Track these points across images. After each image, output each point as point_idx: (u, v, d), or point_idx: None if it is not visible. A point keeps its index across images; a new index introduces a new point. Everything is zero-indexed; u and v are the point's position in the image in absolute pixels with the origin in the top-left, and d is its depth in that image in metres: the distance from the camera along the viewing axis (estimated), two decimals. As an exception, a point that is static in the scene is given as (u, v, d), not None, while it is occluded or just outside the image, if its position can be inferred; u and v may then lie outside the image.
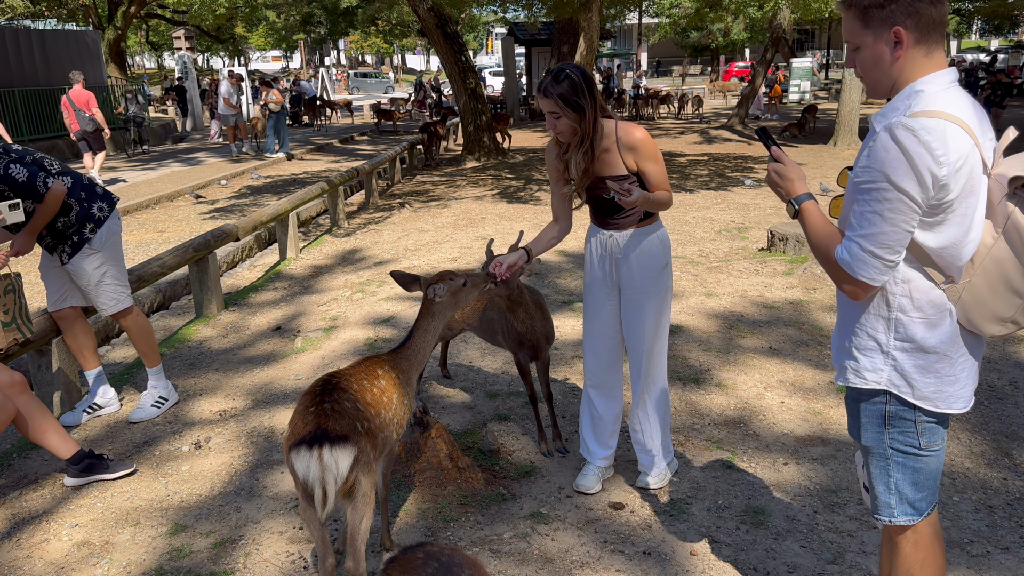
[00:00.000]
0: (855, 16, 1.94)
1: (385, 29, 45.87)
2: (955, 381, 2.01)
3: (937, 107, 1.83)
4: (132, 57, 55.05)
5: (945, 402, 2.01)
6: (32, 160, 4.00)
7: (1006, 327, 1.95)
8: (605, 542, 3.12)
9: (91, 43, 21.61)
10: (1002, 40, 58.80)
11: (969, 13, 29.07)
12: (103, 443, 4.17)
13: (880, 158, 1.84)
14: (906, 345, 1.99)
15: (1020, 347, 5.00)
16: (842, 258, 1.95)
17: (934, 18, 1.86)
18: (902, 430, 2.05)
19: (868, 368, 2.05)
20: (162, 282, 7.14)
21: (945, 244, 1.90)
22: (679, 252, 7.68)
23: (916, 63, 1.91)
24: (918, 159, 1.79)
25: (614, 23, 26.27)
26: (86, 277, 4.19)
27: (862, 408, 2.11)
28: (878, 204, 1.86)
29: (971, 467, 3.59)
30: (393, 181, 14.07)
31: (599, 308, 3.38)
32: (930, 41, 1.89)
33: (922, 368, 1.99)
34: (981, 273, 1.92)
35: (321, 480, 2.29)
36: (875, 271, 1.91)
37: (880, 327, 2.02)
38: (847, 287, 1.98)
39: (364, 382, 2.67)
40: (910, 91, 1.90)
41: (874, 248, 1.89)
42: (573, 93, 2.96)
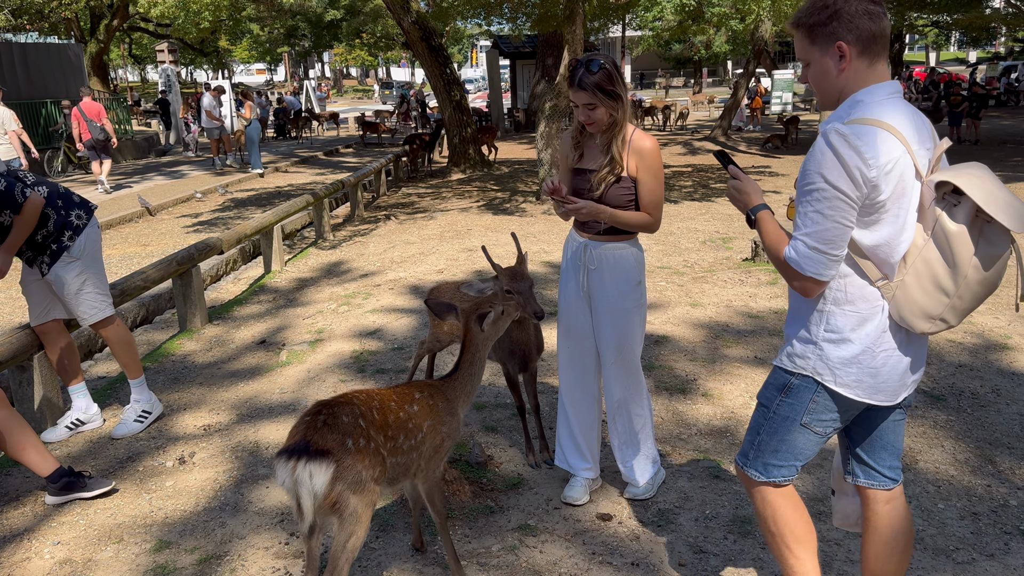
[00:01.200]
0: (803, 35, 2.12)
1: (370, 42, 45.95)
2: (876, 374, 2.13)
3: (872, 115, 2.00)
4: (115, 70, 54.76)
5: (866, 393, 2.15)
6: (7, 172, 3.98)
7: (935, 324, 2.06)
8: (593, 554, 3.11)
9: (73, 56, 21.54)
10: (980, 52, 59.56)
11: (947, 25, 29.43)
12: (86, 459, 4.12)
13: (817, 160, 2.01)
14: (833, 336, 2.14)
15: (1002, 355, 5.05)
16: (790, 257, 2.08)
17: (873, 32, 2.03)
18: (793, 402, 2.23)
19: (798, 355, 2.21)
20: (145, 296, 7.10)
21: (879, 242, 2.04)
22: (664, 263, 7.71)
23: (860, 75, 2.07)
24: (848, 160, 1.95)
25: (598, 36, 26.41)
26: (66, 286, 4.15)
27: (774, 372, 2.31)
28: (817, 203, 2.01)
29: (955, 474, 3.61)
30: (379, 193, 14.06)
31: (572, 320, 3.38)
32: (872, 53, 2.06)
33: (845, 360, 2.13)
34: (912, 272, 2.04)
35: (295, 493, 2.29)
36: (821, 266, 2.04)
37: (813, 318, 2.18)
38: (797, 284, 2.11)
39: (391, 403, 2.64)
40: (851, 101, 2.07)
41: (817, 244, 2.02)
42: (609, 82, 2.98)
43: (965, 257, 1.97)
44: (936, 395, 4.48)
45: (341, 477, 2.32)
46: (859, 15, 2.03)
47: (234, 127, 18.70)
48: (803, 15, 2.11)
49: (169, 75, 24.47)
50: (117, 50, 44.33)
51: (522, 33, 22.34)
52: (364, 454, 2.40)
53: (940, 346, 5.22)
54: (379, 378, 5.02)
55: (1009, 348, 5.16)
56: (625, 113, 3.06)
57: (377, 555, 3.14)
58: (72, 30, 30.46)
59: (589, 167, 3.17)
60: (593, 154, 3.18)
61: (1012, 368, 4.84)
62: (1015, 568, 2.92)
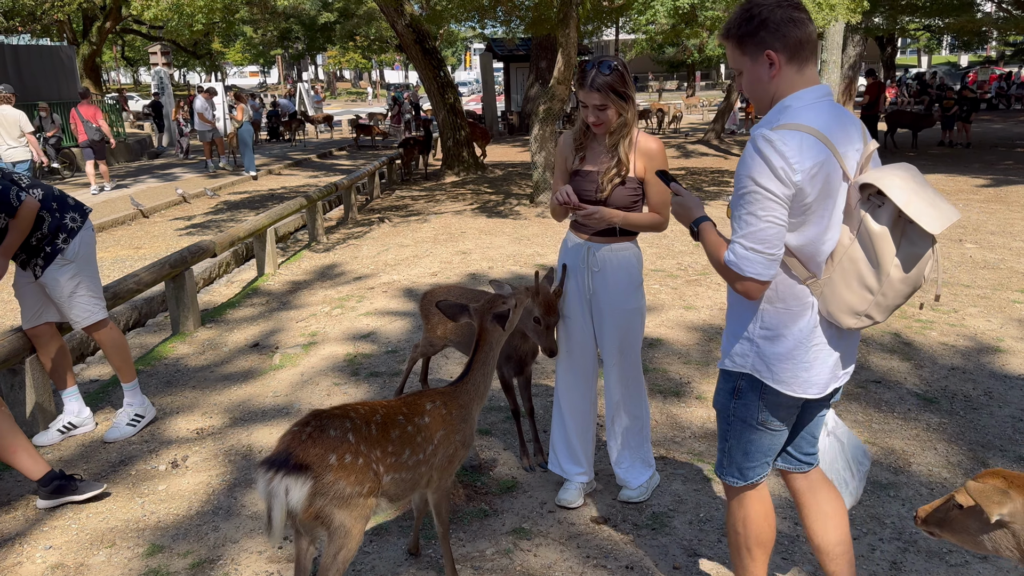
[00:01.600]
0: (734, 45, 2.20)
1: (363, 45, 45.91)
2: (809, 368, 2.22)
3: (798, 120, 2.08)
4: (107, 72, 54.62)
5: (801, 387, 2.23)
6: (1, 175, 3.96)
7: (861, 320, 2.14)
8: (588, 557, 3.11)
9: (66, 58, 21.48)
10: (971, 56, 59.91)
11: (939, 29, 29.58)
12: (78, 463, 4.10)
13: (747, 165, 2.09)
14: (768, 333, 2.23)
15: (995, 358, 5.07)
16: (729, 260, 2.14)
17: (800, 39, 2.12)
18: (745, 403, 2.31)
19: (738, 353, 2.30)
20: (138, 299, 7.07)
21: (804, 242, 2.13)
22: (658, 265, 7.72)
23: (789, 80, 2.15)
24: (775, 163, 2.03)
25: (592, 39, 26.47)
26: (60, 288, 4.14)
27: (720, 379, 2.40)
28: (750, 205, 2.08)
29: (948, 477, 3.62)
30: (372, 196, 14.05)
31: (572, 322, 3.38)
32: (800, 59, 2.14)
33: (780, 355, 2.22)
34: (839, 271, 2.12)
35: (269, 504, 2.26)
36: (759, 266, 2.10)
37: (748, 316, 2.27)
38: (740, 286, 2.16)
39: (397, 417, 2.59)
40: (780, 107, 2.16)
41: (754, 245, 2.08)
42: (622, 83, 3.00)
43: (888, 257, 2.04)
44: (929, 398, 4.50)
45: (321, 492, 2.29)
46: (785, 23, 2.10)
47: (227, 129, 18.67)
48: (732, 26, 2.19)
49: (162, 77, 24.42)
50: (110, 52, 44.23)
51: (516, 36, 22.40)
52: (350, 471, 2.34)
53: (933, 349, 5.24)
54: (373, 381, 5.01)
55: (1001, 351, 5.18)
56: (635, 114, 3.09)
57: (371, 559, 3.13)
58: (64, 32, 30.36)
59: (591, 168, 3.18)
60: (596, 156, 3.19)
61: (1004, 371, 4.86)
62: (1008, 571, 2.93)
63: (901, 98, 33.75)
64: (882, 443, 3.98)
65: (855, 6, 11.21)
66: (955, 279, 6.97)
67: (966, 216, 9.99)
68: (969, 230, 9.11)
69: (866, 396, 4.54)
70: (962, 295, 6.46)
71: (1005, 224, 9.42)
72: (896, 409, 4.37)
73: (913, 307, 6.04)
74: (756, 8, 2.13)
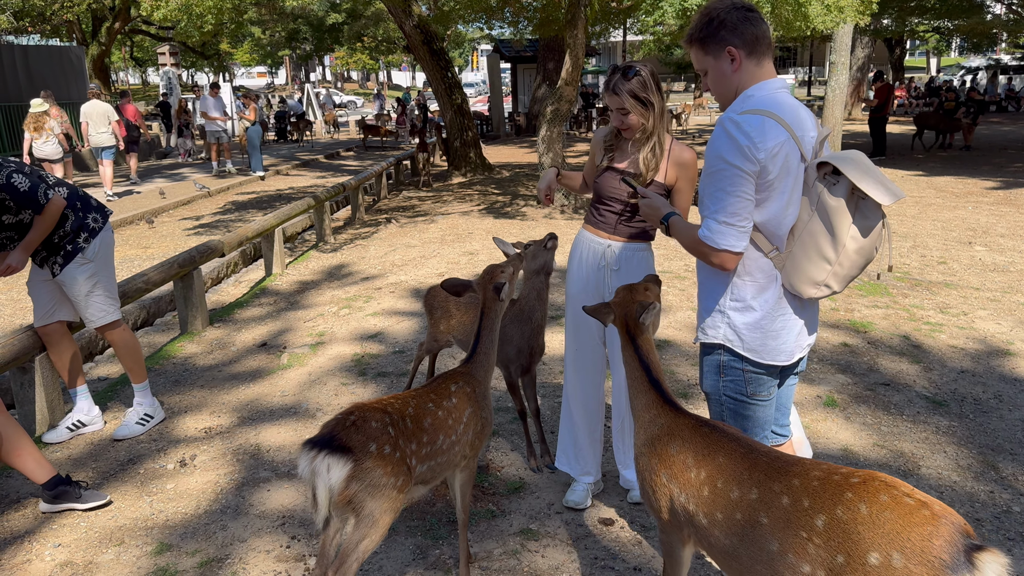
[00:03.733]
0: (698, 48, 2.40)
1: (371, 45, 45.96)
2: (776, 336, 2.40)
3: (760, 107, 2.28)
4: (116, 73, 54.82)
5: (770, 354, 2.40)
6: (30, 171, 4.00)
7: (820, 289, 2.31)
8: (596, 558, 3.10)
9: (75, 59, 21.55)
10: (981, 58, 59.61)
11: (948, 31, 29.48)
12: (87, 461, 4.11)
13: (716, 146, 2.28)
14: (738, 304, 2.40)
15: (1005, 361, 5.04)
16: (703, 235, 2.30)
17: (756, 35, 2.33)
18: (733, 379, 2.46)
19: (710, 326, 2.47)
20: (147, 298, 7.09)
21: (768, 218, 2.31)
22: (666, 267, 7.71)
23: (750, 73, 2.36)
24: (742, 142, 2.22)
25: (599, 40, 26.45)
26: (77, 287, 4.17)
27: (705, 360, 2.53)
28: (720, 182, 2.26)
29: (958, 480, 3.61)
30: (379, 196, 14.06)
31: (585, 323, 3.37)
32: (758, 54, 2.35)
33: (750, 325, 2.39)
34: (799, 244, 2.30)
35: (312, 483, 2.33)
36: (732, 238, 2.26)
37: (720, 290, 2.44)
38: (715, 260, 2.31)
39: (427, 404, 2.66)
40: (743, 96, 2.36)
41: (726, 218, 2.25)
42: (643, 90, 3.00)
43: (844, 228, 2.22)
44: (938, 401, 4.48)
45: (358, 477, 2.34)
46: (741, 22, 2.32)
47: (235, 130, 18.64)
48: (694, 32, 2.40)
49: (170, 78, 24.51)
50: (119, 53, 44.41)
51: (523, 37, 22.40)
52: (388, 461, 2.41)
53: (943, 352, 5.22)
54: (380, 381, 5.01)
55: (1011, 354, 5.16)
56: (658, 121, 3.06)
57: (379, 559, 3.13)
58: (74, 33, 30.48)
59: (620, 165, 3.20)
60: (624, 157, 3.21)
61: (1014, 374, 4.83)
62: (1019, 574, 2.91)
63: (909, 100, 33.64)
64: (891, 446, 3.96)
65: (864, 8, 11.16)
66: (965, 282, 6.93)
67: (976, 219, 9.95)
68: (979, 233, 9.08)
69: (875, 399, 4.52)
70: (972, 298, 6.43)
71: (1015, 227, 9.38)
72: (905, 412, 4.35)
73: (904, 297, 6.02)
74: (714, 12, 2.35)
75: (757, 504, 1.94)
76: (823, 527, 1.79)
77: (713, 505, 2.05)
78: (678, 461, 2.19)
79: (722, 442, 2.13)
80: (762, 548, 1.91)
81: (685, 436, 2.22)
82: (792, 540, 1.84)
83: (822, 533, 1.79)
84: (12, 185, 3.86)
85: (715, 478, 2.07)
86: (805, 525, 1.82)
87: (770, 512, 1.91)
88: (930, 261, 7.73)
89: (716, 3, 2.36)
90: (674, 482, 2.18)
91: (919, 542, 1.66)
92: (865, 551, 1.71)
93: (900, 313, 6.06)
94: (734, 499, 2.00)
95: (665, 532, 2.32)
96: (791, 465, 1.96)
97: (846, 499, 1.78)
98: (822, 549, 1.78)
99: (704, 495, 2.08)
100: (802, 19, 10.46)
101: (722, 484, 2.04)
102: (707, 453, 2.13)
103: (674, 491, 2.18)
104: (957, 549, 1.65)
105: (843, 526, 1.76)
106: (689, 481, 2.14)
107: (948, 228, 9.38)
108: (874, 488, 1.78)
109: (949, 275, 7.19)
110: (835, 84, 13.45)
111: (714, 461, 2.10)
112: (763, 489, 1.95)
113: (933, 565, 1.64)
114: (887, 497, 1.75)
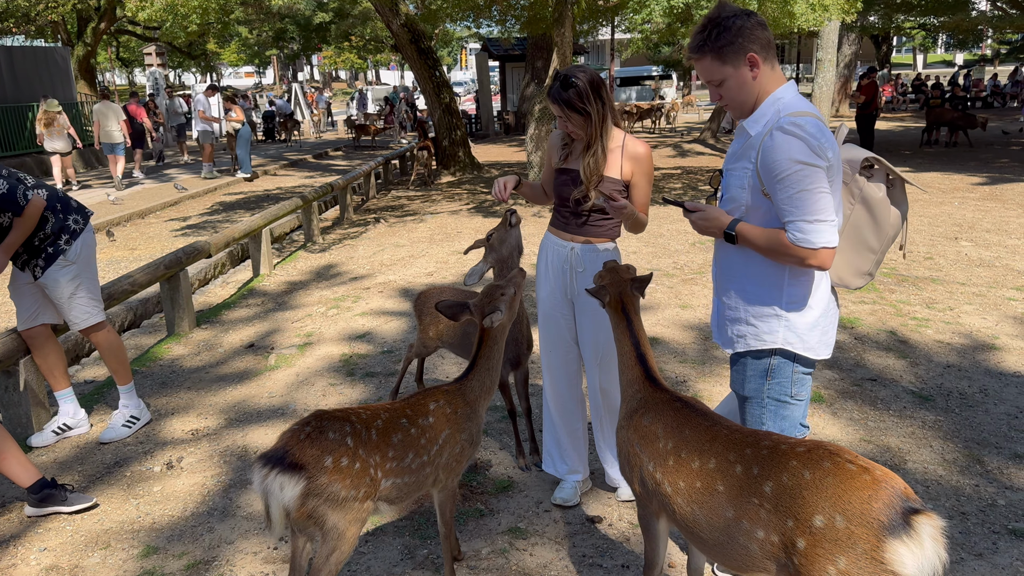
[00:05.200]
0: (712, 58, 2.35)
1: (359, 45, 45.83)
2: (826, 331, 2.45)
3: (801, 108, 2.29)
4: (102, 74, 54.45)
5: (825, 349, 2.46)
6: (8, 173, 3.97)
7: (865, 279, 2.43)
8: (584, 556, 3.10)
9: (60, 60, 21.39)
10: (967, 54, 59.97)
11: (934, 28, 29.60)
12: (73, 464, 4.09)
13: (784, 150, 2.23)
14: (796, 305, 2.40)
15: (990, 355, 5.07)
16: (797, 239, 2.25)
17: (768, 39, 2.35)
18: (780, 381, 2.47)
19: (766, 331, 2.44)
20: (133, 300, 7.06)
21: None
22: (654, 264, 7.72)
23: (767, 77, 2.37)
24: (811, 142, 2.22)
25: (587, 39, 26.46)
26: (60, 289, 4.14)
27: (749, 364, 2.51)
28: (799, 183, 2.22)
29: (944, 474, 3.63)
30: (368, 196, 14.03)
31: (555, 325, 3.38)
32: (771, 58, 2.36)
33: (810, 324, 2.41)
34: (844, 238, 2.35)
35: (265, 500, 2.28)
36: (828, 234, 2.24)
37: (773, 295, 2.40)
38: (814, 261, 2.27)
39: (400, 419, 2.57)
40: (773, 99, 2.35)
41: (817, 216, 2.23)
42: (580, 99, 3.01)
43: (885, 216, 2.31)
44: (925, 395, 4.50)
45: (314, 493, 2.28)
46: (754, 27, 2.32)
47: (223, 131, 18.49)
48: (706, 42, 2.33)
49: (157, 78, 24.38)
50: (104, 53, 44.12)
51: (511, 36, 22.38)
52: (346, 474, 2.34)
53: (928, 347, 5.25)
54: (369, 381, 5.00)
55: (997, 348, 5.19)
56: (598, 129, 3.06)
57: (367, 559, 3.12)
58: (59, 33, 30.25)
59: (574, 168, 3.19)
60: (578, 156, 3.20)
61: (1000, 368, 4.86)
62: (1003, 567, 2.93)
63: (895, 98, 33.77)
64: (877, 441, 3.98)
65: (848, 7, 11.21)
66: (951, 277, 6.97)
67: (962, 214, 10.01)
68: (965, 228, 9.13)
69: (862, 394, 4.54)
70: (958, 293, 6.46)
71: (1000, 222, 9.44)
72: (892, 407, 4.37)
73: (890, 293, 6.06)
74: (726, 20, 2.31)
75: (715, 473, 2.09)
76: (771, 493, 1.92)
77: (677, 474, 2.19)
78: (650, 432, 2.34)
79: (690, 416, 2.28)
80: (720, 515, 2.05)
81: (659, 409, 2.37)
82: (746, 506, 1.98)
83: (771, 499, 1.92)
84: None
85: (680, 449, 2.21)
86: (756, 492, 1.96)
87: (726, 480, 2.05)
88: (916, 256, 7.77)
89: (722, 11, 2.33)
90: (645, 452, 2.33)
91: (859, 505, 1.78)
92: (811, 514, 1.83)
93: (887, 308, 6.09)
94: (695, 469, 2.14)
95: (641, 506, 2.45)
96: (747, 436, 2.11)
97: (791, 467, 1.91)
98: (773, 514, 1.91)
99: (669, 464, 2.22)
100: (788, 17, 10.50)
101: (685, 454, 2.19)
102: (675, 426, 2.28)
103: (644, 460, 2.33)
104: (895, 511, 1.76)
105: (789, 492, 1.89)
106: (657, 451, 2.28)
107: (934, 224, 9.43)
108: (818, 456, 1.90)
109: (935, 270, 7.23)
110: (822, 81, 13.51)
111: (680, 433, 2.25)
112: (720, 459, 2.09)
113: (872, 526, 1.75)
114: (830, 464, 1.87)
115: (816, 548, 1.81)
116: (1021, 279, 6.82)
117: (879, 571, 1.75)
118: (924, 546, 1.73)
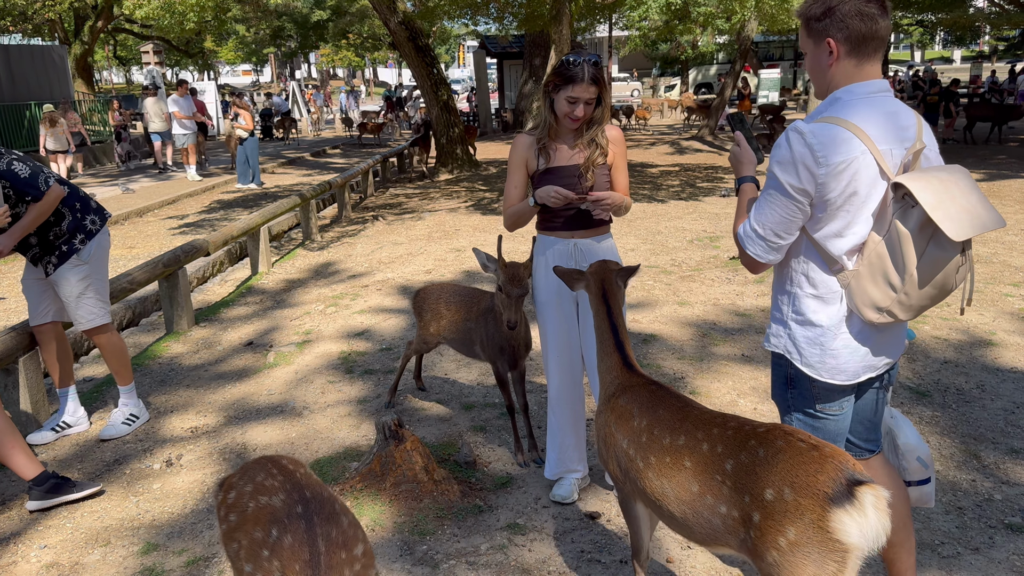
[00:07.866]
0: (803, 27, 2.25)
1: (356, 42, 45.81)
2: (836, 356, 2.25)
3: (840, 115, 2.11)
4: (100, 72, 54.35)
5: (828, 372, 2.26)
6: (31, 162, 4.04)
7: (883, 316, 2.15)
8: (582, 551, 3.12)
9: (57, 58, 21.38)
10: (964, 51, 60.04)
11: (932, 24, 29.63)
12: (73, 462, 4.10)
13: (776, 154, 2.17)
14: (798, 317, 2.29)
15: (987, 351, 5.09)
16: (739, 233, 2.29)
17: (864, 33, 2.11)
18: (801, 391, 2.34)
19: (774, 334, 2.38)
20: (132, 298, 7.05)
21: (823, 236, 2.17)
22: (652, 261, 7.73)
23: (846, 72, 2.17)
24: (799, 157, 2.09)
25: (584, 36, 26.47)
26: (69, 288, 4.15)
27: (774, 369, 2.43)
28: (767, 193, 2.19)
29: (941, 469, 3.64)
30: (366, 194, 14.03)
31: (560, 323, 3.38)
32: (861, 54, 2.14)
33: (809, 339, 2.27)
34: (866, 265, 2.14)
35: None
36: (760, 249, 2.23)
37: (784, 300, 2.34)
38: (743, 258, 2.31)
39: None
40: (831, 98, 2.19)
41: (759, 229, 2.21)
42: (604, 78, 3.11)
43: (911, 258, 2.05)
44: (922, 391, 4.52)
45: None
46: (851, 15, 2.10)
47: (219, 131, 18.39)
48: (803, 8, 2.23)
49: (154, 76, 24.32)
50: (102, 52, 44.04)
51: (509, 33, 22.38)
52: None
53: (925, 343, 5.26)
54: (367, 379, 5.01)
55: (994, 344, 5.21)
56: (606, 111, 3.18)
57: (366, 555, 3.13)
58: (56, 32, 30.19)
59: (566, 164, 3.20)
60: (565, 152, 3.23)
61: (997, 364, 4.88)
62: (999, 562, 2.95)
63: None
64: (875, 436, 3.99)
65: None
66: (947, 273, 6.99)
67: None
68: (961, 224, 9.14)
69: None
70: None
71: (997, 218, 9.45)
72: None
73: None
74: None
75: (683, 449, 2.17)
76: (731, 470, 2.02)
77: (648, 450, 2.27)
78: (625, 412, 2.43)
79: (665, 398, 2.37)
80: (687, 489, 2.13)
81: (635, 390, 2.47)
82: (709, 482, 2.07)
83: (731, 475, 2.02)
84: (13, 171, 3.88)
85: (653, 426, 2.30)
86: (719, 469, 2.05)
87: (692, 456, 2.14)
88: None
89: None
90: (620, 430, 2.41)
91: (806, 478, 1.87)
92: (763, 489, 1.93)
93: (884, 305, 6.09)
94: (666, 445, 2.23)
95: (619, 490, 2.52)
96: (716, 417, 2.19)
97: (749, 445, 2.01)
98: (732, 491, 2.00)
99: (642, 441, 2.31)
100: (785, 13, 10.50)
101: (657, 431, 2.28)
102: (650, 406, 2.36)
103: (619, 438, 2.41)
104: (840, 483, 1.83)
105: (745, 468, 1.99)
106: (632, 428, 2.37)
107: (932, 220, 9.44)
108: (773, 435, 1.99)
109: (933, 267, 7.25)
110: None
111: (654, 412, 2.33)
112: (689, 437, 2.18)
113: (818, 497, 1.84)
114: (783, 442, 1.96)
115: (768, 520, 1.90)
116: (1018, 275, 6.84)
117: (825, 540, 1.83)
118: (867, 515, 1.79)
